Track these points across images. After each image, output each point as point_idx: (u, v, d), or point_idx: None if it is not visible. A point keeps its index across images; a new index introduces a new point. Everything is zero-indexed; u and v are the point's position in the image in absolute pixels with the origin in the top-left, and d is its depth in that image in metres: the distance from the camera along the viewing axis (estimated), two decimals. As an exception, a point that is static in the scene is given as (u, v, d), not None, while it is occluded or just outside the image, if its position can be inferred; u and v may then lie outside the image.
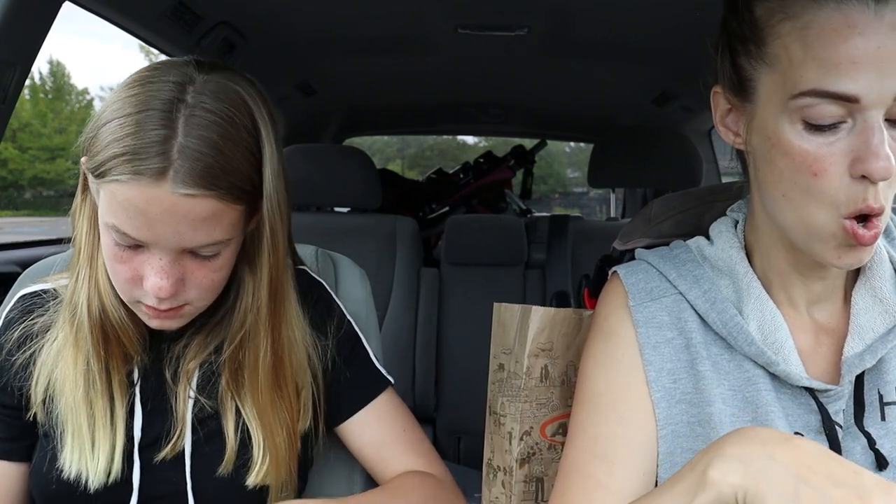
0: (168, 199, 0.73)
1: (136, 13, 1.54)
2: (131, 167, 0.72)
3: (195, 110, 0.75)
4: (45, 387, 0.86)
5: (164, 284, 0.77)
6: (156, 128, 0.73)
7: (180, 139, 0.73)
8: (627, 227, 0.98)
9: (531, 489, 0.88)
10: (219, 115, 0.76)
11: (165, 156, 0.73)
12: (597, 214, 10.41)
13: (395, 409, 0.97)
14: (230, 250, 0.82)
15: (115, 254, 0.78)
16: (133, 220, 0.74)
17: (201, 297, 0.82)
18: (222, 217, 0.77)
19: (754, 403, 0.72)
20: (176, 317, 0.82)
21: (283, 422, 0.88)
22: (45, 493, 0.86)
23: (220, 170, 0.75)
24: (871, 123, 0.62)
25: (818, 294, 0.74)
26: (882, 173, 0.61)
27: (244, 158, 0.77)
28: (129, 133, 0.73)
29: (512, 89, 2.88)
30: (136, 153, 0.73)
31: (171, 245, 0.76)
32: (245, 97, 0.79)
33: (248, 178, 0.78)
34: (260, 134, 0.79)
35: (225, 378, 0.87)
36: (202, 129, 0.74)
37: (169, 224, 0.74)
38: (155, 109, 0.74)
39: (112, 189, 0.74)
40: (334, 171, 2.24)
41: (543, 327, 0.87)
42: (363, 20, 1.95)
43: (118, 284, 0.81)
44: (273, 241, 0.84)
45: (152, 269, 0.77)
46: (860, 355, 0.70)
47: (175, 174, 0.73)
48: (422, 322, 2.40)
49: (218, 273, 0.81)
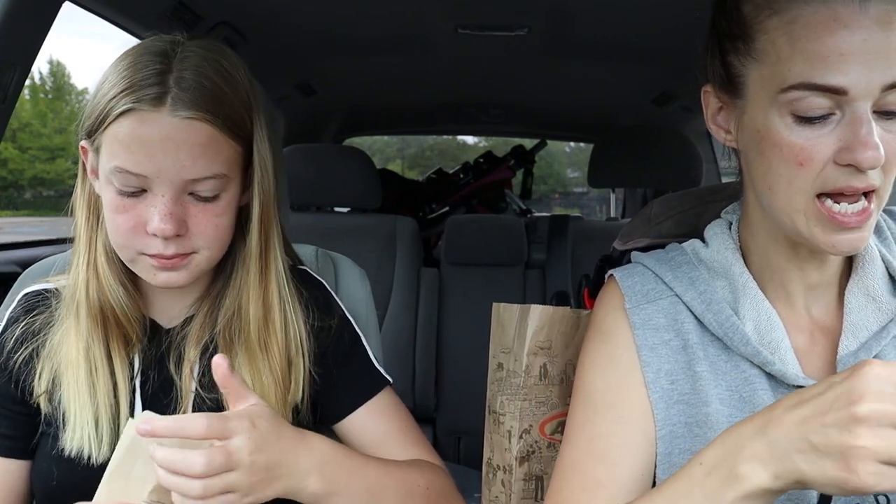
0: (167, 124, 0.77)
1: (136, 13, 1.54)
2: (131, 97, 0.77)
3: (187, 54, 0.80)
4: (49, 376, 0.87)
5: (168, 222, 0.78)
6: (152, 65, 0.78)
7: (175, 73, 0.78)
8: (627, 227, 0.98)
9: (531, 487, 0.88)
10: (209, 58, 0.81)
11: (163, 85, 0.77)
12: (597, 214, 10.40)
13: (393, 407, 0.97)
14: (229, 195, 0.84)
15: (117, 204, 0.80)
16: (135, 155, 0.77)
17: (207, 245, 0.83)
18: (219, 148, 0.80)
19: (751, 403, 0.72)
20: (182, 266, 0.83)
21: (275, 384, 0.89)
22: (46, 488, 0.86)
23: (215, 97, 0.79)
24: (860, 115, 0.63)
25: (815, 285, 0.75)
26: (871, 162, 0.62)
27: (236, 97, 0.82)
28: (127, 74, 0.78)
29: (512, 89, 2.88)
30: (133, 85, 0.77)
31: (172, 176, 0.78)
32: (230, 53, 0.85)
33: (240, 115, 0.82)
34: (247, 83, 0.85)
35: (221, 351, 0.88)
36: (196, 66, 0.80)
37: (169, 152, 0.77)
38: (150, 54, 0.80)
39: (113, 130, 0.77)
40: (334, 171, 2.25)
41: (542, 325, 0.88)
42: (363, 20, 1.95)
43: (120, 239, 0.82)
44: (263, 193, 0.86)
45: (155, 209, 0.79)
46: (854, 353, 0.71)
47: (173, 100, 0.77)
48: (422, 322, 2.40)
49: (220, 218, 0.83)
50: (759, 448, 0.58)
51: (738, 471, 0.58)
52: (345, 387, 0.95)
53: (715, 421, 0.72)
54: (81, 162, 0.86)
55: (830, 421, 0.54)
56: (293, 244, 1.03)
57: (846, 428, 0.53)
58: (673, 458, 0.73)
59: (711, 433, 0.71)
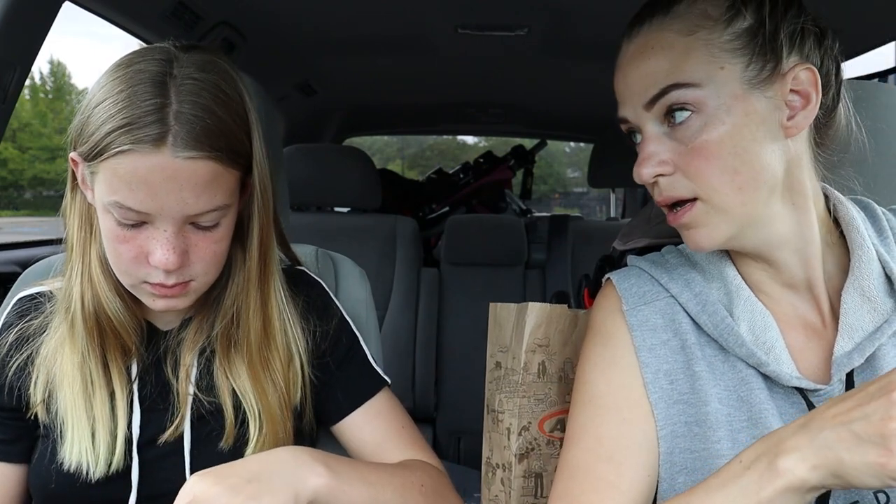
0: (170, 165, 0.74)
1: (136, 13, 1.54)
2: (130, 137, 0.73)
3: (184, 80, 0.76)
4: (45, 385, 0.86)
5: (171, 256, 0.77)
6: (149, 98, 0.74)
7: (174, 106, 0.74)
8: (627, 227, 0.98)
9: (530, 484, 0.88)
10: (207, 83, 0.77)
11: (163, 122, 0.73)
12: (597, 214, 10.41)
13: (391, 408, 0.97)
14: (228, 220, 0.83)
15: (118, 234, 0.78)
16: (136, 193, 0.74)
17: (206, 270, 0.83)
18: (221, 181, 0.78)
19: (749, 403, 0.72)
20: (182, 294, 0.82)
21: (276, 391, 0.88)
22: (45, 492, 0.86)
23: (216, 132, 0.76)
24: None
25: (794, 284, 0.75)
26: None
27: (235, 122, 0.79)
28: (123, 107, 0.74)
29: (512, 89, 2.88)
30: (132, 123, 0.73)
31: (174, 214, 0.76)
32: (226, 68, 0.82)
33: (240, 141, 0.80)
34: (245, 100, 0.82)
35: (219, 357, 0.88)
36: (194, 96, 0.76)
37: (172, 191, 0.75)
38: (145, 83, 0.75)
39: (112, 165, 0.74)
40: (334, 171, 2.24)
41: (540, 323, 0.88)
42: (363, 20, 1.95)
43: (122, 267, 0.81)
44: (263, 210, 0.85)
45: (158, 243, 0.77)
46: (849, 354, 0.71)
47: (174, 139, 0.73)
48: (422, 322, 2.40)
49: (219, 244, 0.82)
50: (799, 441, 0.58)
51: (777, 464, 0.58)
52: (343, 388, 0.95)
53: (714, 420, 0.72)
54: (71, 171, 0.83)
55: (872, 409, 0.55)
56: (293, 244, 1.03)
57: (888, 413, 0.54)
58: (674, 457, 0.74)
59: (710, 432, 0.72)
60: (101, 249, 0.84)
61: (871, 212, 0.78)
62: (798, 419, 0.60)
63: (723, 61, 0.68)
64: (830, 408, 0.58)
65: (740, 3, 0.69)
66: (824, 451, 0.56)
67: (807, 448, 0.57)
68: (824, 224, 0.75)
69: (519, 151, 3.89)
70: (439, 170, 3.97)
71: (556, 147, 12.57)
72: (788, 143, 0.70)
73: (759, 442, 0.62)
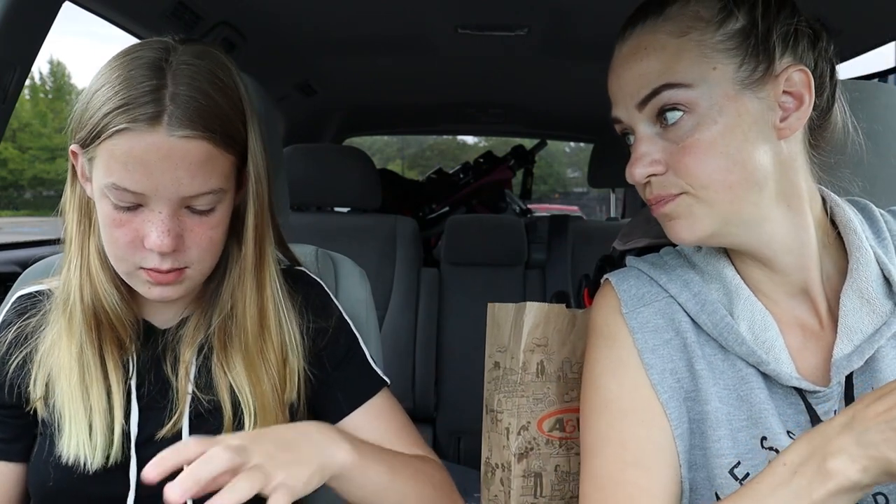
0: (165, 144, 0.75)
1: (136, 13, 1.54)
2: (127, 116, 0.75)
3: (180, 65, 0.78)
4: (44, 380, 0.86)
5: (166, 238, 0.78)
6: (146, 80, 0.76)
7: (170, 88, 0.76)
8: (627, 227, 0.98)
9: (529, 484, 0.88)
10: (202, 68, 0.79)
11: (158, 102, 0.75)
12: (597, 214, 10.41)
13: (390, 409, 0.97)
14: (224, 206, 0.83)
15: (114, 218, 0.79)
16: (132, 173, 0.76)
17: (201, 257, 0.83)
18: (216, 163, 0.79)
19: (748, 402, 0.72)
20: (177, 281, 0.83)
21: (270, 382, 0.89)
22: (43, 489, 0.86)
23: (210, 113, 0.78)
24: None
25: (790, 285, 0.75)
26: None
27: (229, 107, 0.80)
28: (120, 89, 0.76)
29: (512, 89, 2.88)
30: (129, 103, 0.75)
31: (170, 194, 0.77)
32: (222, 58, 0.83)
33: (235, 127, 0.81)
34: (240, 90, 0.83)
35: (216, 352, 0.89)
36: (189, 79, 0.78)
37: (167, 170, 0.76)
38: (142, 67, 0.77)
39: (109, 147, 0.76)
40: (334, 171, 2.24)
41: (538, 322, 0.88)
42: (363, 20, 1.95)
43: (118, 252, 0.81)
44: (258, 200, 0.86)
45: (153, 225, 0.78)
46: (848, 357, 0.71)
47: (169, 118, 0.75)
48: (422, 322, 2.40)
49: (215, 230, 0.83)
50: (846, 442, 0.58)
51: (828, 467, 0.58)
52: (342, 388, 0.95)
53: (714, 419, 0.72)
54: (71, 165, 0.85)
55: None
56: (293, 244, 1.03)
57: None
58: (689, 454, 0.73)
59: (711, 431, 0.72)
60: (99, 243, 0.85)
61: (868, 213, 0.78)
62: (839, 416, 0.60)
63: (715, 62, 0.68)
64: (870, 405, 0.58)
65: (732, 5, 0.69)
66: (871, 452, 0.56)
67: (854, 449, 0.57)
68: (821, 226, 0.74)
69: (519, 151, 3.89)
70: (439, 170, 3.97)
71: (556, 147, 12.58)
72: (781, 145, 0.70)
73: (802, 442, 0.61)
